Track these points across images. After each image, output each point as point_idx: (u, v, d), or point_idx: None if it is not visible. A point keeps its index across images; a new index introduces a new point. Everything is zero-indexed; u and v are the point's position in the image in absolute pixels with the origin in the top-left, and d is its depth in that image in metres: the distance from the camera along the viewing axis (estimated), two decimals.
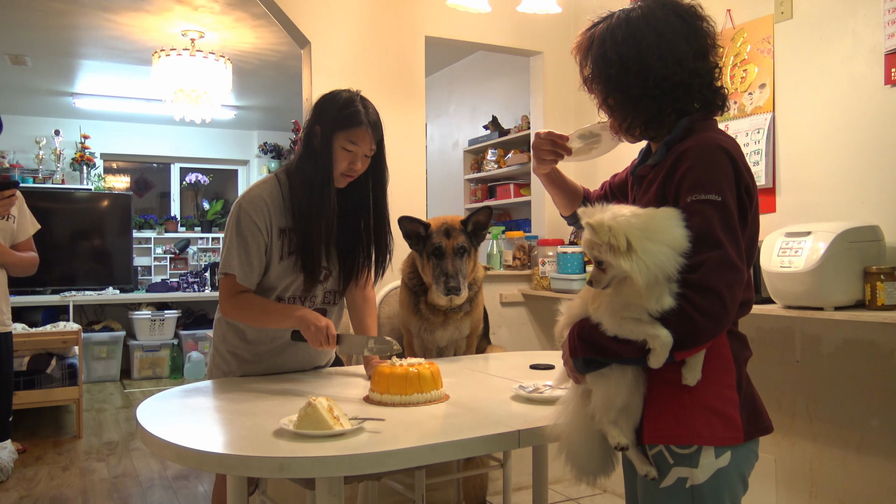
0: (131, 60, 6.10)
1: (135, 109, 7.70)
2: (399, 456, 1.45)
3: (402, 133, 3.46)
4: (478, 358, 2.69)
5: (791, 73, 2.77)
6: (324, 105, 2.16)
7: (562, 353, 1.50)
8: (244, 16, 5.04)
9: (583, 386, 1.48)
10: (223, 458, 1.45)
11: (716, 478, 1.36)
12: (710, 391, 1.38)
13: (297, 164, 2.18)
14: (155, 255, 8.34)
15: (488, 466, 3.02)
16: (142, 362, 7.18)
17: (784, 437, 2.78)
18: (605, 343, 1.35)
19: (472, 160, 5.75)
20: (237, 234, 2.10)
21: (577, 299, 1.49)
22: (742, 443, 1.38)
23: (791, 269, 2.30)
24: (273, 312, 2.12)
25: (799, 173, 2.75)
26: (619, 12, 1.49)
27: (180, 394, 2.03)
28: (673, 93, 1.43)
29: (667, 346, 1.28)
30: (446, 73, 6.32)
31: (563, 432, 1.52)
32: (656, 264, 1.27)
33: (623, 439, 1.40)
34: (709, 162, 1.35)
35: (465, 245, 2.56)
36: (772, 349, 2.79)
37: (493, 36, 3.74)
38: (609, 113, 1.54)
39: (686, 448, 1.36)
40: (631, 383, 1.40)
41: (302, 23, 3.29)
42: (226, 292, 2.14)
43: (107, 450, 4.64)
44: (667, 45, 1.42)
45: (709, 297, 1.27)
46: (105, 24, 5.21)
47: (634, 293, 1.30)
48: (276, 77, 6.64)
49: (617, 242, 1.28)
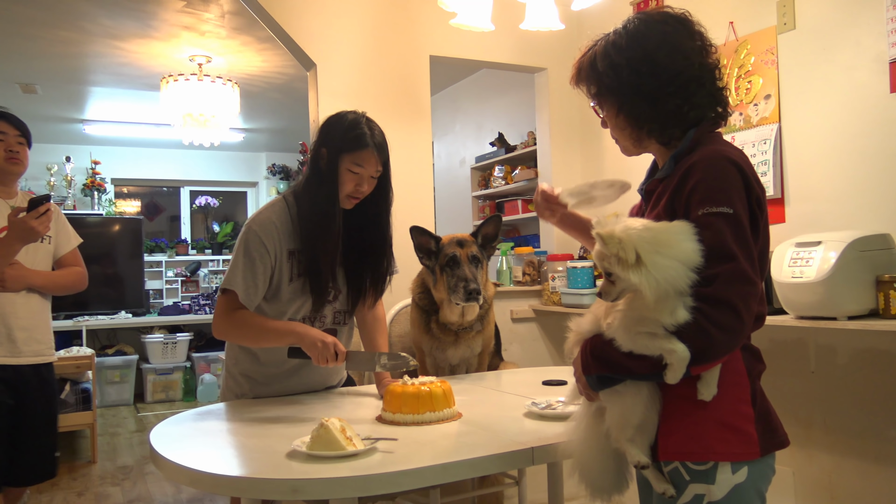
0: (140, 86, 6.17)
1: (144, 134, 7.78)
2: (412, 476, 1.45)
3: (409, 152, 3.48)
4: (490, 375, 2.68)
5: (796, 84, 2.78)
6: (330, 127, 2.17)
7: (573, 371, 1.49)
8: (250, 40, 5.09)
9: (595, 403, 1.46)
10: (236, 482, 1.45)
11: (733, 494, 1.34)
12: (725, 406, 1.36)
13: (303, 185, 2.19)
14: (166, 278, 8.39)
15: (503, 484, 3.00)
16: (155, 385, 7.20)
17: (801, 449, 2.75)
18: (619, 359, 1.34)
19: (480, 177, 5.77)
20: (245, 254, 2.10)
21: (588, 315, 1.48)
22: (758, 458, 1.36)
23: (802, 279, 2.29)
24: (272, 330, 2.08)
25: (807, 183, 2.74)
26: (614, 29, 1.51)
27: (193, 417, 2.03)
28: (687, 88, 1.43)
29: (684, 361, 1.26)
30: (451, 91, 6.36)
31: (576, 451, 1.51)
32: (666, 279, 1.26)
33: (643, 458, 1.38)
34: (718, 174, 1.34)
35: (478, 255, 2.55)
36: (786, 360, 2.77)
37: (497, 54, 3.76)
38: (623, 126, 1.51)
39: (702, 464, 1.35)
40: (646, 400, 1.38)
41: (307, 45, 3.33)
42: (222, 310, 2.11)
43: (121, 474, 4.64)
44: (672, 43, 1.43)
45: (724, 311, 1.26)
46: (113, 52, 5.29)
47: (646, 307, 1.29)
48: (282, 99, 6.70)
49: (626, 255, 1.28)
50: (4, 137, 2.68)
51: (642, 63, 1.43)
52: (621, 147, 1.58)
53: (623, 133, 1.53)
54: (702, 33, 1.48)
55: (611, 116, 1.53)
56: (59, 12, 4.52)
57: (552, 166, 3.94)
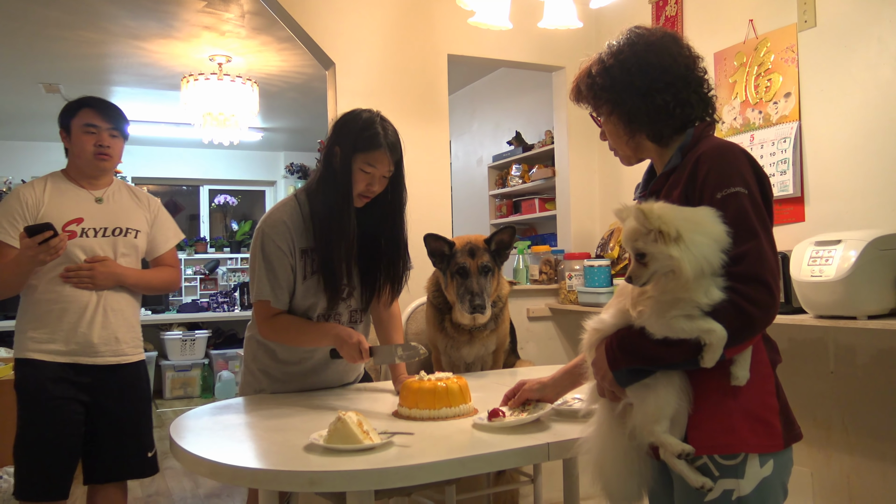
0: (161, 86, 6.23)
1: (165, 134, 7.86)
2: (428, 469, 1.46)
3: (426, 151, 3.49)
4: (505, 372, 2.68)
5: (816, 82, 2.75)
6: (343, 126, 2.17)
7: (594, 371, 1.47)
8: (270, 39, 5.13)
9: (618, 404, 1.44)
10: (255, 473, 1.47)
11: (761, 488, 1.35)
12: (754, 397, 1.38)
13: (316, 184, 2.20)
14: (185, 276, 8.46)
15: (519, 482, 3.00)
16: (173, 382, 7.26)
17: (820, 449, 2.73)
18: (651, 349, 1.34)
19: (497, 176, 5.77)
20: (263, 259, 2.13)
21: (608, 312, 1.48)
22: (782, 450, 1.38)
23: (822, 278, 2.28)
24: (309, 332, 2.16)
25: (827, 182, 2.72)
26: (607, 43, 1.58)
27: (212, 411, 2.05)
28: (674, 84, 1.49)
29: (723, 340, 1.27)
30: (469, 90, 6.37)
31: (596, 457, 1.49)
32: (704, 256, 1.27)
33: (687, 446, 1.35)
34: (728, 158, 1.39)
35: (489, 264, 2.57)
36: (805, 360, 2.75)
37: (515, 52, 3.77)
38: (616, 127, 1.56)
39: (732, 458, 1.35)
40: (678, 390, 1.37)
41: (326, 45, 3.35)
42: (261, 316, 2.16)
43: None
44: (660, 46, 1.51)
45: (757, 287, 1.29)
46: (135, 52, 5.35)
47: (680, 287, 1.29)
48: (301, 99, 6.74)
49: (668, 229, 1.28)
50: (96, 131, 2.49)
51: (632, 63, 1.50)
52: (621, 156, 1.63)
53: (618, 137, 1.58)
54: (689, 46, 1.56)
55: (606, 122, 1.59)
56: (82, 14, 4.58)
57: (569, 165, 3.94)
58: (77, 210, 2.47)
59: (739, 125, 3.05)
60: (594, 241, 3.90)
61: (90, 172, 2.53)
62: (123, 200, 2.62)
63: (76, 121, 2.48)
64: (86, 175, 2.53)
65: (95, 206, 2.52)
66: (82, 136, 2.48)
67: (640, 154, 1.59)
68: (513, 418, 1.71)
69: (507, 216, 5.61)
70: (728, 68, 3.12)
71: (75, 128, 2.48)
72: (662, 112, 1.49)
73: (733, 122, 3.08)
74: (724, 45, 3.13)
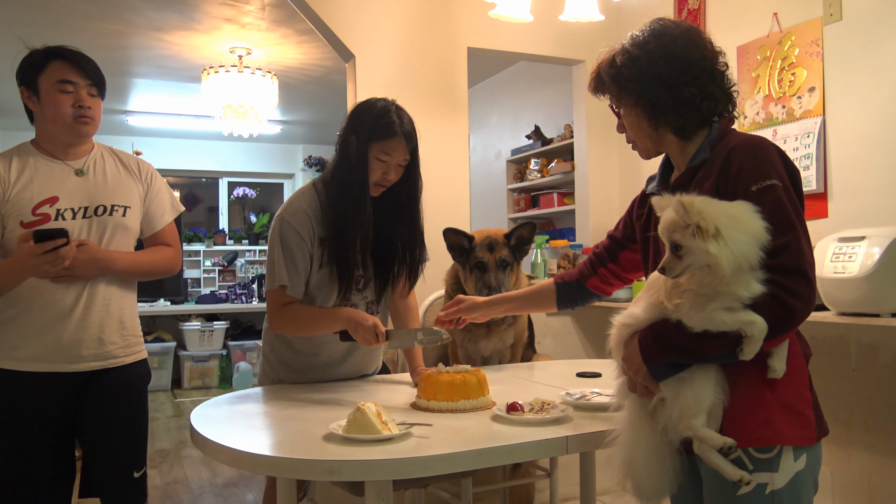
0: (182, 78, 6.28)
1: (185, 126, 7.92)
2: (446, 460, 1.46)
3: (445, 144, 3.49)
4: (523, 366, 2.68)
5: (841, 76, 2.72)
6: (359, 115, 2.17)
7: (626, 367, 1.46)
8: (290, 32, 5.15)
9: (649, 400, 1.43)
10: (274, 461, 1.48)
11: (794, 481, 1.35)
12: (790, 390, 1.38)
13: (332, 173, 2.20)
14: (204, 267, 8.54)
15: (535, 476, 3.00)
16: (192, 372, 7.33)
17: (840, 448, 2.71)
18: (689, 342, 1.33)
19: (515, 170, 5.76)
20: (282, 246, 2.13)
21: (638, 306, 1.46)
22: (814, 444, 1.39)
23: (845, 274, 2.25)
24: (321, 318, 2.14)
25: (851, 177, 2.69)
26: (630, 34, 1.56)
27: (231, 400, 2.07)
28: (701, 78, 1.48)
29: (763, 332, 1.27)
30: (488, 83, 6.35)
31: (626, 453, 1.48)
32: (742, 253, 1.27)
33: (728, 439, 1.33)
34: (761, 151, 1.40)
35: (508, 259, 2.56)
36: (826, 358, 2.73)
37: (535, 45, 3.75)
38: (639, 120, 1.55)
39: (766, 452, 1.34)
40: (715, 383, 1.37)
41: (346, 37, 3.35)
42: (274, 305, 2.16)
43: (159, 457, 4.74)
44: (685, 40, 1.51)
45: (797, 279, 1.30)
46: (156, 44, 5.38)
47: (717, 282, 1.28)
48: (320, 92, 6.75)
49: (706, 225, 1.27)
50: (74, 89, 2.03)
51: (659, 55, 1.49)
52: (640, 149, 1.62)
53: (640, 130, 1.57)
54: (711, 40, 1.55)
55: (628, 113, 1.57)
56: (105, 5, 4.62)
57: (589, 159, 3.92)
58: (51, 188, 2.01)
59: (762, 120, 3.02)
60: None
61: (67, 139, 2.06)
62: (109, 171, 2.16)
63: (46, 77, 2.01)
64: (61, 144, 2.05)
65: (75, 181, 2.05)
66: (57, 95, 2.00)
67: (661, 147, 1.58)
68: (531, 415, 1.71)
69: (525, 210, 5.59)
70: (751, 62, 3.09)
71: (46, 85, 2.00)
72: (689, 105, 1.48)
73: (756, 116, 3.05)
74: (748, 38, 3.10)
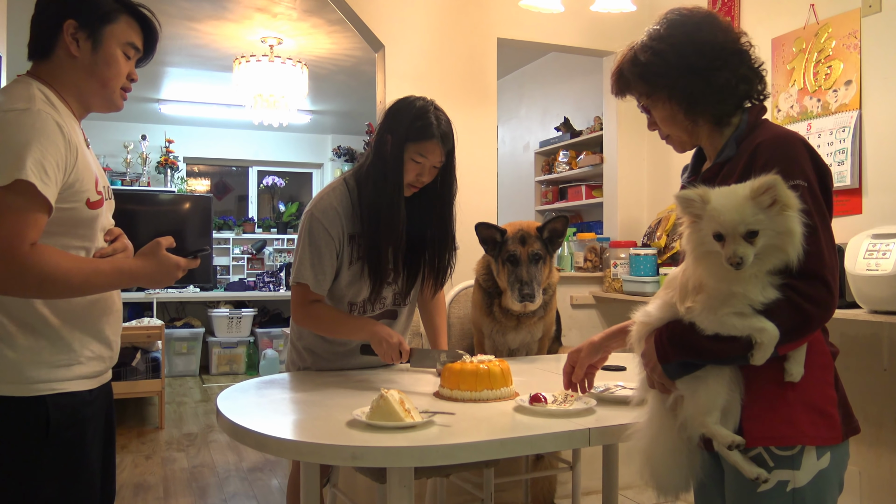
0: (213, 67, 6.34)
1: (216, 115, 8.00)
2: (469, 449, 1.47)
3: (473, 136, 3.48)
4: (549, 358, 2.67)
5: (879, 69, 2.66)
6: (397, 114, 2.15)
7: (643, 363, 1.46)
8: (320, 22, 5.17)
9: (669, 396, 1.43)
10: (298, 446, 1.50)
11: (817, 480, 1.33)
12: (814, 389, 1.35)
13: (367, 170, 2.19)
14: (233, 255, 8.63)
15: (557, 468, 3.00)
16: (220, 358, 7.44)
17: (870, 448, 2.66)
18: (702, 344, 1.32)
19: (543, 162, 5.73)
20: (310, 243, 2.13)
21: (654, 304, 1.46)
22: (840, 443, 1.36)
23: (878, 272, 2.21)
24: (345, 325, 2.16)
25: (887, 173, 2.63)
26: (646, 30, 1.54)
27: (257, 385, 2.10)
28: (730, 61, 1.46)
29: (774, 339, 1.26)
30: (518, 75, 6.32)
31: (646, 447, 1.48)
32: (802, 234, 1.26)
33: (738, 437, 1.33)
34: (788, 149, 1.36)
35: (541, 252, 2.55)
36: (857, 356, 2.68)
37: (565, 37, 3.72)
38: (675, 114, 1.51)
39: (788, 449, 1.33)
40: (729, 381, 1.36)
41: (376, 27, 3.36)
42: (298, 301, 2.17)
43: (186, 441, 4.82)
44: (707, 25, 1.49)
45: (814, 285, 1.27)
46: (189, 33, 5.44)
47: (787, 259, 1.26)
48: (350, 82, 6.78)
49: (787, 198, 1.24)
50: (133, 56, 1.68)
51: (686, 45, 1.47)
52: (676, 143, 1.58)
53: (675, 123, 1.53)
54: (728, 23, 1.53)
55: (661, 108, 1.53)
56: None
57: (618, 152, 3.88)
58: (92, 160, 1.65)
59: (796, 113, 2.97)
60: (641, 230, 3.85)
61: (95, 105, 1.66)
62: None
63: (116, 31, 1.61)
64: (84, 105, 1.65)
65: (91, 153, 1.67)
66: (121, 58, 1.63)
67: (695, 139, 1.55)
68: (554, 406, 1.71)
69: (552, 203, 5.57)
70: (786, 54, 3.03)
71: (111, 41, 1.60)
72: (725, 90, 1.46)
73: (790, 109, 3.00)
74: (783, 30, 3.04)
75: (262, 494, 3.75)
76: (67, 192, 1.50)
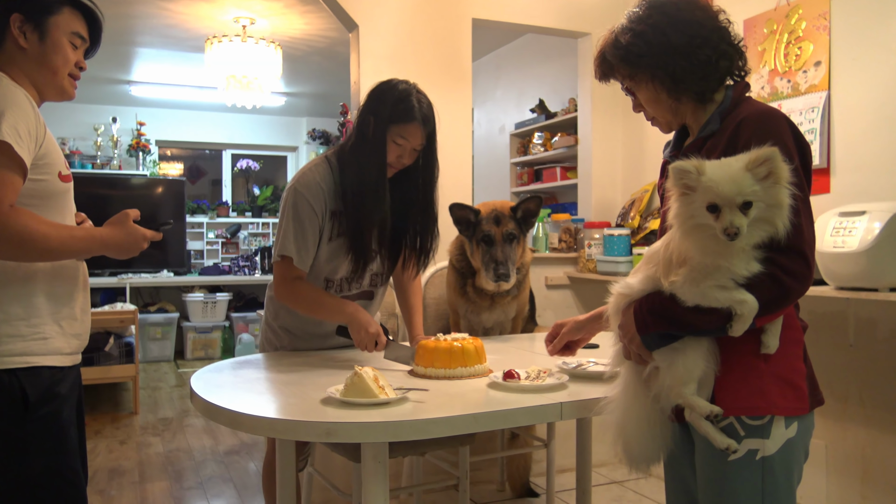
0: (185, 48, 6.24)
1: (188, 97, 7.88)
2: (442, 424, 1.48)
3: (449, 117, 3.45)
4: (523, 337, 2.70)
5: (848, 51, 2.70)
6: (380, 95, 2.16)
7: (620, 334, 1.48)
8: (294, 2, 5.10)
9: (644, 368, 1.45)
10: (273, 423, 1.50)
11: (785, 448, 1.37)
12: (784, 362, 1.40)
13: (350, 151, 2.18)
14: (207, 239, 8.55)
15: (532, 446, 3.03)
16: (195, 343, 7.39)
17: (836, 422, 2.73)
18: (682, 315, 1.34)
19: (519, 144, 5.74)
20: (294, 217, 2.13)
21: (636, 277, 1.47)
22: (807, 413, 1.41)
23: (844, 248, 2.25)
24: (326, 306, 2.15)
25: (854, 153, 2.67)
26: (625, 13, 1.56)
27: (232, 365, 2.09)
28: (710, 38, 1.48)
29: (754, 311, 1.29)
30: (493, 57, 6.31)
31: (619, 419, 1.50)
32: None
33: (716, 407, 1.36)
34: (771, 126, 1.38)
35: (515, 232, 2.57)
36: (824, 332, 2.74)
37: (540, 17, 3.72)
38: (658, 94, 1.53)
39: (758, 419, 1.36)
40: (706, 353, 1.39)
41: (350, 6, 3.33)
42: (280, 276, 2.17)
43: (162, 425, 4.80)
44: (685, 4, 1.51)
45: (794, 259, 1.31)
46: (160, 13, 5.35)
47: (731, 255, 1.28)
48: (324, 63, 6.71)
49: (781, 171, 1.26)
50: (79, 45, 1.73)
51: (665, 24, 1.48)
52: (661, 124, 1.60)
53: (659, 103, 1.55)
54: (707, 1, 1.55)
55: (645, 89, 1.55)
56: None
57: (592, 134, 3.90)
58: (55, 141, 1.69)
59: (767, 94, 3.00)
60: (615, 211, 3.88)
61: (47, 93, 1.71)
62: None
63: (59, 22, 1.67)
64: (40, 95, 1.70)
65: None
66: (67, 47, 1.68)
67: (680, 118, 1.57)
68: (527, 382, 1.73)
69: (528, 184, 5.58)
70: (757, 36, 3.06)
71: (56, 32, 1.66)
72: (707, 66, 1.47)
73: (761, 90, 3.03)
74: (755, 11, 3.07)
75: (239, 477, 3.75)
76: (41, 164, 1.57)
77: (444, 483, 2.81)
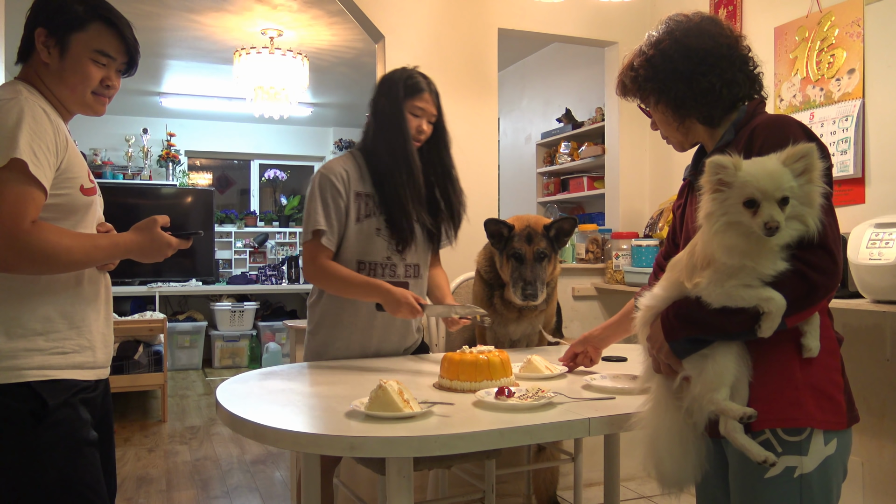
0: (214, 60, 6.32)
1: (217, 108, 7.98)
2: (468, 439, 1.46)
3: (475, 127, 3.46)
4: (549, 349, 2.67)
5: (883, 57, 2.64)
6: (388, 80, 2.35)
7: (649, 347, 1.46)
8: (320, 13, 5.14)
9: (674, 380, 1.42)
10: (297, 437, 1.49)
11: (824, 466, 1.33)
12: (821, 373, 1.36)
13: (373, 137, 2.33)
14: (235, 248, 8.62)
15: (559, 460, 2.99)
16: (222, 352, 7.45)
17: (872, 439, 2.65)
18: (710, 318, 1.32)
19: (545, 153, 5.71)
20: (320, 196, 2.27)
21: (660, 286, 1.46)
22: (845, 429, 1.37)
23: (881, 261, 2.19)
24: (357, 285, 2.24)
25: (890, 163, 2.61)
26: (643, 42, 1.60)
27: (258, 377, 2.09)
28: (718, 65, 1.49)
29: (781, 309, 1.26)
30: (519, 66, 6.29)
31: (650, 436, 1.46)
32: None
33: (749, 409, 1.31)
34: (783, 129, 1.38)
35: (546, 251, 2.54)
36: (860, 346, 2.67)
37: (567, 27, 3.70)
38: (665, 115, 1.57)
39: (796, 434, 1.33)
40: (737, 357, 1.36)
41: (377, 17, 3.34)
42: (310, 256, 2.28)
43: (189, 434, 4.83)
44: (698, 31, 1.53)
45: (820, 254, 1.29)
46: (189, 25, 5.42)
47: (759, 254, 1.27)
48: (350, 74, 6.75)
49: (816, 170, 1.27)
50: (108, 63, 1.66)
51: (674, 50, 1.52)
52: (674, 143, 1.64)
53: (668, 123, 1.59)
54: (730, 26, 1.56)
55: (654, 111, 1.61)
56: None
57: (620, 143, 3.86)
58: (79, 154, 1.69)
59: (799, 103, 2.95)
60: (643, 221, 3.83)
61: (72, 109, 1.69)
62: None
63: (83, 39, 1.62)
64: (65, 108, 1.68)
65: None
66: (89, 65, 1.64)
67: (692, 138, 1.60)
68: (516, 400, 1.66)
69: (554, 194, 5.55)
70: (789, 44, 3.01)
71: (79, 48, 1.62)
72: (709, 94, 1.49)
73: (793, 99, 2.97)
74: (786, 19, 3.02)
75: (265, 487, 3.75)
76: (62, 178, 1.58)
77: (470, 496, 2.79)
